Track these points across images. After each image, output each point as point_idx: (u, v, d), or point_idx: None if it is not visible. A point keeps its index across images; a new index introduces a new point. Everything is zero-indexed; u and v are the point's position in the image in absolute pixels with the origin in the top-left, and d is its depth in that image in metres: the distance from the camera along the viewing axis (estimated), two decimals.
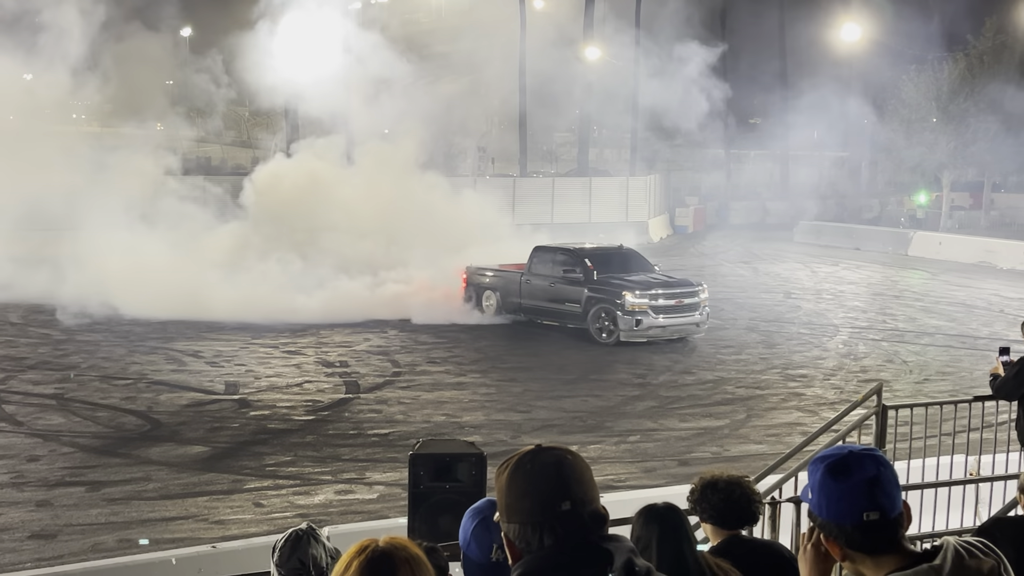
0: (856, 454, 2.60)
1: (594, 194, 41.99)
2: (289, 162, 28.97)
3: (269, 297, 23.33)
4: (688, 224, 47.34)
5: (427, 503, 7.03)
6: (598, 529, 2.49)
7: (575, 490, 2.49)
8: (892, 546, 2.54)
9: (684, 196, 51.60)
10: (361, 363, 19.52)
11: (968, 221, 46.71)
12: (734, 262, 35.68)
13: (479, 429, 14.85)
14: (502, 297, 23.36)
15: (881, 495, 2.54)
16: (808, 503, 2.64)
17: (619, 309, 21.06)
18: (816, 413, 15.98)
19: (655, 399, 17.16)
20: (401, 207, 27.03)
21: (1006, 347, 8.41)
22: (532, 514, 2.47)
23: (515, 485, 2.52)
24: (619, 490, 11.71)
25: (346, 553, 2.42)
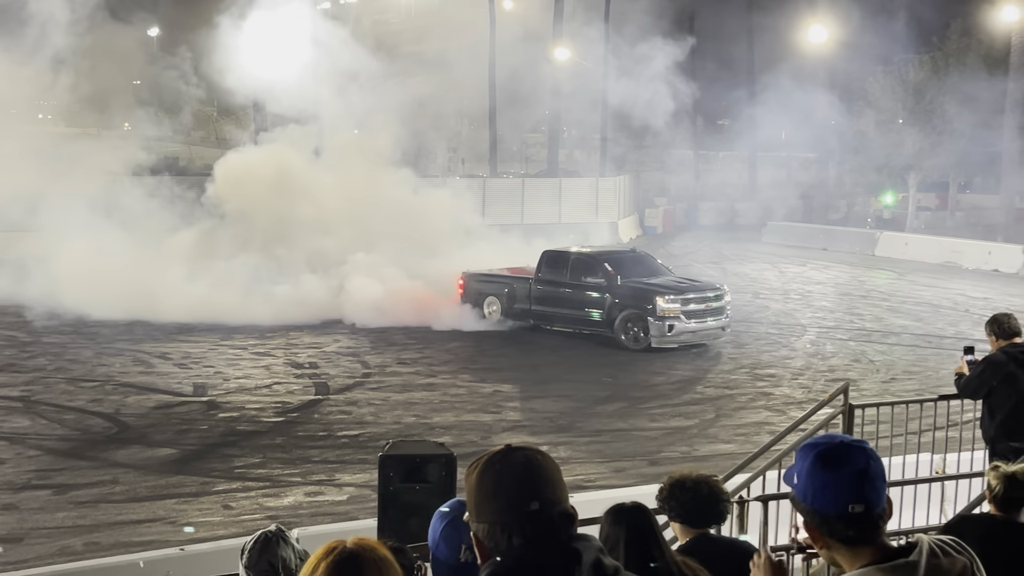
0: (847, 445, 2.62)
1: (564, 194, 42.06)
2: (256, 153, 28.41)
3: (236, 298, 23.14)
4: (657, 225, 47.50)
5: (397, 504, 7.03)
6: (567, 529, 2.50)
7: (544, 490, 2.50)
8: (871, 539, 2.56)
9: (653, 197, 51.78)
10: (331, 364, 19.47)
11: (934, 221, 47.14)
12: (703, 262, 35.83)
13: (449, 430, 14.85)
14: (507, 303, 22.71)
15: (869, 488, 2.55)
16: (792, 488, 2.64)
17: (650, 315, 20.55)
18: (784, 412, 16.08)
19: (625, 399, 17.21)
20: (373, 203, 26.68)
21: (971, 347, 8.50)
22: (501, 514, 2.48)
23: (484, 485, 2.53)
24: (589, 490, 11.74)
25: (314, 554, 2.42)
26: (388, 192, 27.47)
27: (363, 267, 24.64)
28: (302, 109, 28.77)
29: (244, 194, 26.61)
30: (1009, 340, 8.20)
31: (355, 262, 24.81)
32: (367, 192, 27.00)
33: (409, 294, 23.46)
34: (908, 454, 8.88)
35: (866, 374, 19.21)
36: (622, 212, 44.48)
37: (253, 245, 25.44)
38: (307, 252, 25.30)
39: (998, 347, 8.24)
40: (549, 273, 22.34)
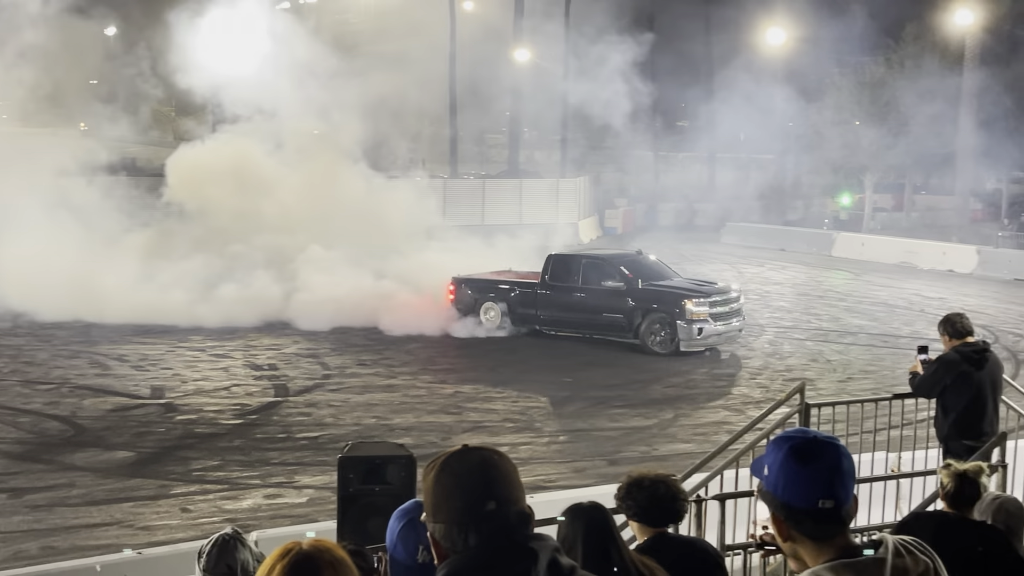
0: (820, 441, 2.62)
1: (525, 195, 42.13)
2: (210, 146, 27.86)
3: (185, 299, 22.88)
4: (617, 225, 47.67)
5: (356, 506, 7.01)
6: (523, 529, 2.51)
7: (500, 490, 2.50)
8: (837, 536, 2.57)
9: (613, 198, 51.97)
10: (290, 366, 19.37)
11: (890, 222, 47.67)
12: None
13: (410, 431, 14.83)
14: (510, 308, 22.16)
15: (839, 485, 2.57)
16: (762, 479, 2.64)
17: (679, 318, 20.37)
18: (742, 412, 16.20)
19: (585, 399, 17.26)
20: (334, 199, 26.31)
21: (924, 346, 8.62)
22: (457, 514, 2.49)
23: (441, 485, 2.54)
24: (549, 490, 11.78)
25: (270, 556, 2.41)
26: (348, 189, 27.13)
27: (325, 267, 24.29)
28: (260, 106, 28.53)
29: (198, 189, 26.17)
30: (962, 339, 8.32)
31: (311, 260, 24.40)
32: (327, 188, 26.62)
33: (394, 299, 22.93)
34: (863, 452, 8.95)
35: (823, 373, 19.41)
36: (582, 213, 44.62)
37: (207, 244, 25.11)
38: (264, 250, 24.91)
39: (951, 346, 8.36)
40: (557, 278, 21.88)
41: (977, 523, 5.39)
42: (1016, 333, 23.76)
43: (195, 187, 26.38)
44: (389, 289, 23.43)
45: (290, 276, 24.18)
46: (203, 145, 28.40)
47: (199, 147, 28.37)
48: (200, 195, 26.28)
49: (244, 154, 26.82)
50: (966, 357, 8.24)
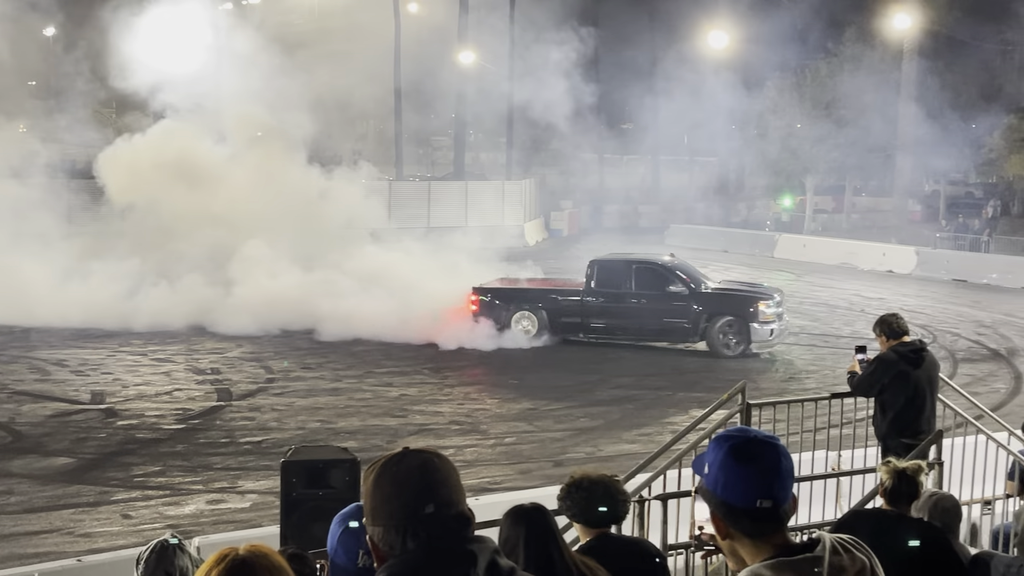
0: (760, 440, 2.63)
1: (470, 198, 42.12)
2: (149, 139, 27.16)
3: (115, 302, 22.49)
4: (563, 227, 47.81)
5: (300, 510, 6.98)
6: (463, 531, 2.52)
7: (439, 493, 2.51)
8: (775, 534, 2.59)
9: (559, 200, 52.11)
10: (233, 370, 19.20)
11: (831, 224, 48.29)
12: None
13: (355, 435, 14.78)
14: (550, 318, 21.49)
15: (778, 485, 2.58)
16: (702, 477, 2.66)
17: (752, 320, 20.52)
18: (686, 412, 16.30)
19: (531, 401, 17.30)
20: (279, 198, 25.87)
21: (863, 346, 8.74)
22: (395, 517, 2.49)
23: (380, 488, 2.54)
24: (495, 492, 11.79)
25: (206, 562, 2.39)
26: (292, 187, 26.64)
27: (268, 267, 23.89)
28: (202, 103, 28.16)
29: (136, 185, 25.57)
30: (898, 339, 8.46)
31: (253, 260, 23.94)
32: (270, 185, 26.10)
33: (409, 312, 22.05)
34: (804, 451, 9.08)
35: (765, 373, 19.61)
36: (528, 215, 44.71)
37: (145, 243, 24.63)
38: (205, 248, 24.34)
39: (888, 346, 8.49)
40: (605, 284, 21.43)
41: (915, 520, 5.49)
42: (954, 332, 24.18)
43: (133, 183, 25.73)
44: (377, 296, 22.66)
45: (231, 276, 23.69)
46: (141, 138, 27.50)
47: (135, 141, 27.52)
48: (138, 191, 25.68)
49: (183, 147, 26.11)
50: (903, 356, 8.37)
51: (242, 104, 27.83)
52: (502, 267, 25.84)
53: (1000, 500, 9.19)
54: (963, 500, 8.38)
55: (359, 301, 22.58)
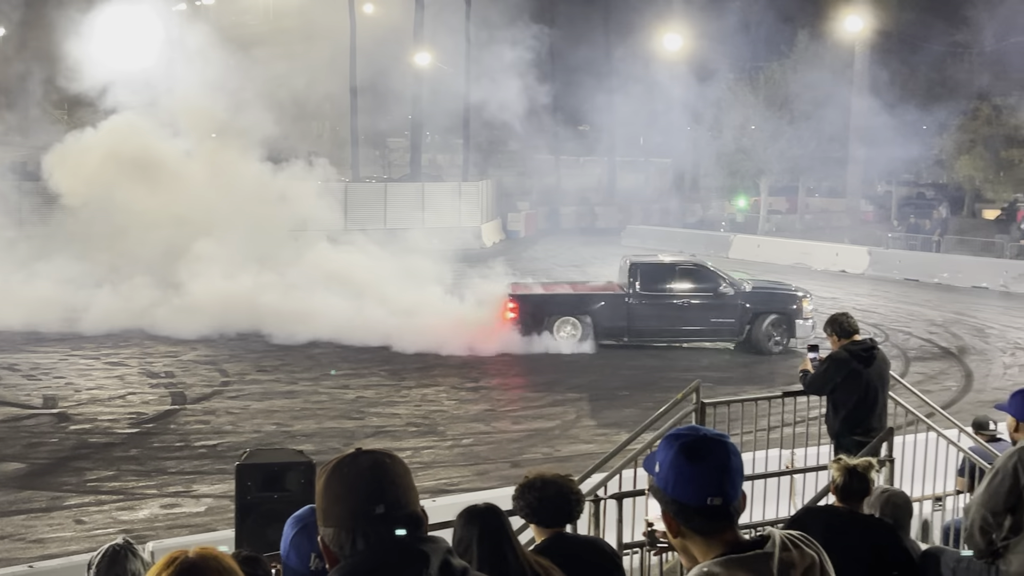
0: (710, 439, 2.66)
1: (427, 199, 42.04)
2: (98, 136, 26.60)
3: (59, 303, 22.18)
4: (520, 229, 47.87)
5: (255, 514, 6.93)
6: (415, 531, 2.52)
7: (390, 493, 2.51)
8: (725, 531, 2.61)
9: (516, 201, 52.17)
10: (188, 373, 19.03)
11: (784, 224, 48.72)
12: (565, 266, 36.24)
13: (311, 437, 14.70)
14: (596, 323, 21.27)
15: (727, 483, 2.60)
16: (653, 475, 2.68)
17: (798, 316, 21.16)
18: (643, 411, 16.37)
19: (488, 402, 17.32)
20: (234, 197, 25.57)
21: (815, 345, 8.83)
22: (345, 518, 2.49)
23: (330, 489, 2.54)
24: (452, 493, 11.79)
25: (155, 566, 2.38)
26: (248, 186, 26.32)
27: (222, 268, 23.54)
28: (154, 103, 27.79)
29: (83, 182, 25.10)
30: (849, 338, 8.56)
31: (208, 260, 23.63)
32: (223, 184, 25.78)
33: (441, 319, 21.64)
34: (759, 450, 9.16)
35: (720, 372, 19.73)
36: (485, 216, 44.72)
37: (96, 242, 24.26)
38: (158, 247, 23.95)
39: (840, 345, 8.59)
40: (649, 286, 21.40)
41: (866, 517, 5.56)
42: (905, 331, 24.48)
43: (82, 181, 25.23)
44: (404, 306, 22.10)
45: (183, 277, 23.33)
46: (90, 134, 26.95)
47: (84, 137, 26.99)
48: (88, 189, 25.21)
49: (134, 144, 25.55)
50: (855, 355, 8.47)
51: (195, 99, 27.44)
52: (460, 268, 25.83)
53: (951, 496, 9.33)
54: (914, 497, 8.50)
55: (315, 303, 22.45)
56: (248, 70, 29.77)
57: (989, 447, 9.06)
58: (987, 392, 18.68)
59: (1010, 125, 41.36)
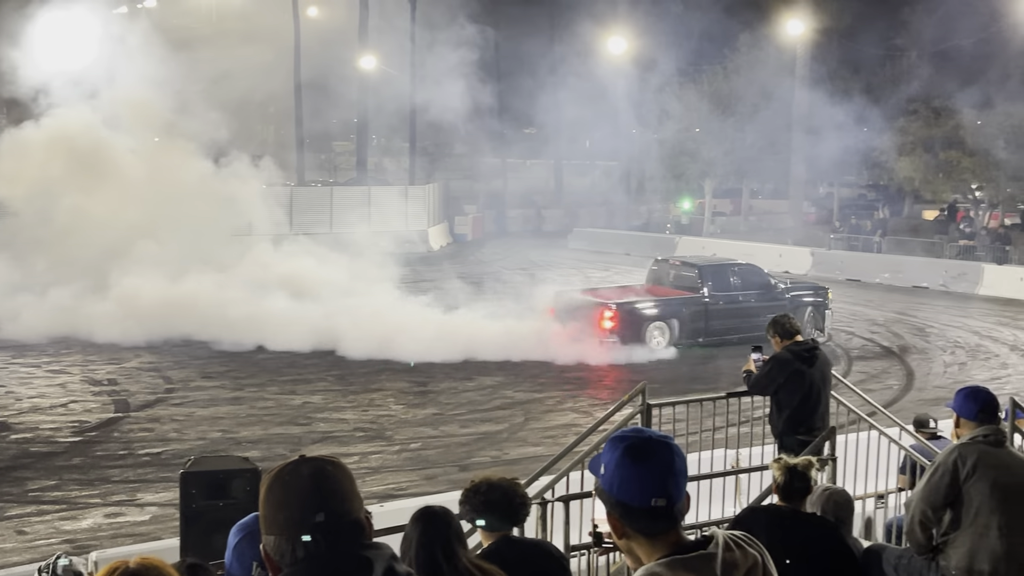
0: (655, 440, 2.67)
1: (373, 203, 41.87)
2: (37, 134, 25.95)
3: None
4: (467, 232, 47.87)
5: (200, 522, 6.88)
6: (357, 538, 2.52)
7: (332, 501, 2.50)
8: (669, 532, 2.63)
9: (463, 204, 52.17)
10: (131, 380, 18.79)
11: (729, 226, 49.17)
12: (512, 269, 36.31)
13: (257, 444, 14.59)
14: (681, 325, 21.90)
15: (672, 484, 2.62)
16: (598, 477, 2.69)
17: (826, 307, 23.23)
18: (590, 414, 16.44)
19: (436, 406, 17.29)
20: (177, 199, 25.16)
21: (759, 346, 8.93)
22: (287, 526, 2.48)
23: (272, 497, 2.53)
24: (400, 498, 11.76)
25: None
26: (190, 189, 25.86)
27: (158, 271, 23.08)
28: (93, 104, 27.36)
29: (19, 183, 24.62)
30: (791, 339, 8.67)
31: (144, 263, 23.19)
32: (166, 185, 25.33)
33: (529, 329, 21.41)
34: (704, 450, 9.24)
35: (666, 374, 19.86)
36: (432, 220, 44.66)
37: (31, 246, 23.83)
38: (96, 251, 23.46)
39: (782, 346, 8.69)
40: (718, 288, 22.44)
41: (808, 515, 5.63)
42: (848, 331, 24.82)
43: (18, 181, 24.75)
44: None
45: (125, 281, 22.87)
46: (28, 132, 26.39)
47: (21, 136, 26.44)
48: (25, 190, 24.72)
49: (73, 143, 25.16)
50: (797, 356, 8.57)
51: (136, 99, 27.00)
52: (408, 272, 25.76)
53: (893, 494, 9.47)
54: (857, 495, 8.63)
55: (261, 308, 22.23)
56: (190, 72, 29.47)
57: (930, 445, 9.21)
58: (928, 390, 19.00)
59: (948, 127, 42.01)
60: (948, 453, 5.80)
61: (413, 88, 44.77)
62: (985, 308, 29.46)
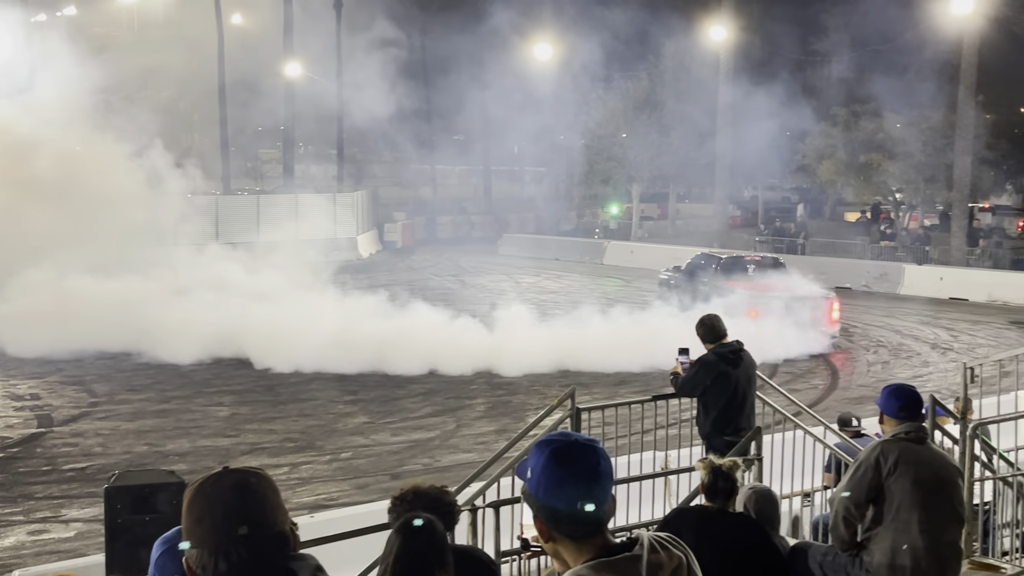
0: (581, 444, 2.67)
1: (301, 211, 41.54)
2: None
3: None
4: (397, 239, 47.75)
5: (126, 537, 6.77)
6: (281, 551, 2.50)
7: (255, 513, 2.48)
8: (596, 535, 2.63)
9: (392, 211, 52.03)
10: (54, 395, 18.42)
11: (656, 230, 49.64)
12: (443, 275, 36.30)
13: (185, 457, 14.39)
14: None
15: (598, 487, 2.62)
16: (525, 481, 2.69)
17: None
18: (522, 419, 16.46)
19: (367, 414, 17.20)
20: (99, 206, 24.56)
21: (686, 348, 8.99)
22: (209, 539, 2.46)
23: (194, 509, 2.50)
24: (331, 508, 11.67)
25: None
26: (112, 196, 25.29)
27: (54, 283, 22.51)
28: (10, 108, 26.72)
29: None
30: (718, 341, 8.76)
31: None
32: (87, 193, 24.76)
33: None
34: (633, 453, 9.31)
35: (596, 378, 19.95)
36: (361, 227, 44.45)
37: None
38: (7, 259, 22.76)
39: (708, 348, 8.79)
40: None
41: (735, 514, 5.70)
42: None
43: None
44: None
45: (40, 292, 22.09)
46: None
47: None
48: None
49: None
50: (723, 357, 8.67)
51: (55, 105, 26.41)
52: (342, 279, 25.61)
53: (819, 492, 9.63)
54: (783, 493, 8.75)
55: (187, 318, 21.83)
56: (112, 80, 28.98)
57: (854, 443, 9.38)
58: (852, 389, 19.36)
59: (868, 130, 42.87)
60: (870, 450, 5.92)
61: (340, 94, 44.57)
62: (907, 308, 30.10)
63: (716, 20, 44.09)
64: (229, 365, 20.79)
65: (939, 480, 5.81)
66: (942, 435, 8.46)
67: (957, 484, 5.97)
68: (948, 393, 14.50)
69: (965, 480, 7.09)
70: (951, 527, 5.85)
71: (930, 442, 6.29)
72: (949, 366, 21.18)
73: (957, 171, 38.73)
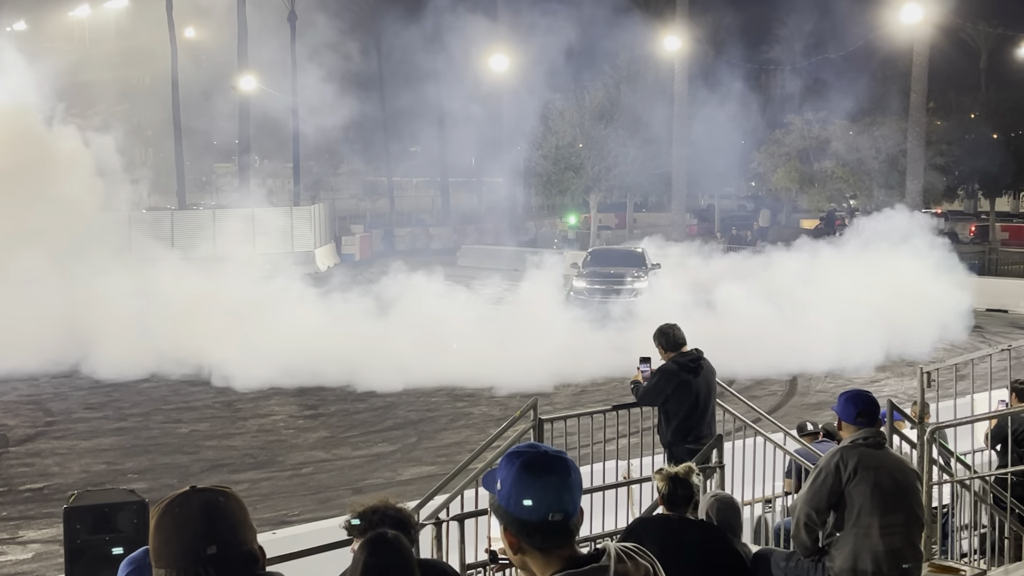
0: (551, 455, 2.68)
1: (258, 225, 41.29)
2: None
3: None
4: (355, 252, 47.58)
5: (86, 557, 6.69)
6: (250, 569, 2.49)
7: (223, 533, 2.48)
8: (564, 546, 2.64)
9: (350, 224, 51.88)
10: (9, 414, 18.16)
11: (615, 239, 49.73)
12: (401, 288, 36.08)
13: (144, 475, 14.25)
14: None
15: (568, 498, 2.64)
16: (494, 493, 2.70)
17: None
18: (484, 431, 16.44)
19: (327, 429, 17.11)
20: (53, 218, 24.05)
21: (647, 357, 9.05)
22: (178, 559, 2.45)
23: (162, 530, 2.49)
24: (293, 524, 11.59)
25: None
26: (65, 208, 24.88)
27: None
28: None
29: None
30: (677, 350, 8.82)
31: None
32: (41, 204, 24.37)
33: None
34: (596, 462, 9.33)
35: (559, 388, 19.98)
36: (319, 240, 44.27)
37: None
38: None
39: (668, 357, 8.84)
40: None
41: (697, 522, 5.73)
42: None
43: None
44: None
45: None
46: None
47: None
48: None
49: None
50: (683, 366, 8.73)
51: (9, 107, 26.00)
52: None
53: (780, 498, 9.70)
54: (745, 500, 8.82)
55: (145, 335, 21.56)
56: (62, 96, 28.65)
57: (813, 448, 9.46)
58: (811, 395, 19.52)
59: (821, 138, 43.36)
60: (830, 457, 5.98)
61: (296, 109, 44.41)
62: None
63: (671, 31, 44.41)
64: (187, 381, 20.60)
65: (898, 484, 5.88)
66: (900, 440, 8.56)
67: (916, 488, 6.04)
68: (905, 398, 14.67)
69: (924, 484, 7.18)
70: (911, 530, 5.92)
71: (888, 447, 6.37)
72: (905, 370, 21.41)
73: (909, 177, 39.24)
